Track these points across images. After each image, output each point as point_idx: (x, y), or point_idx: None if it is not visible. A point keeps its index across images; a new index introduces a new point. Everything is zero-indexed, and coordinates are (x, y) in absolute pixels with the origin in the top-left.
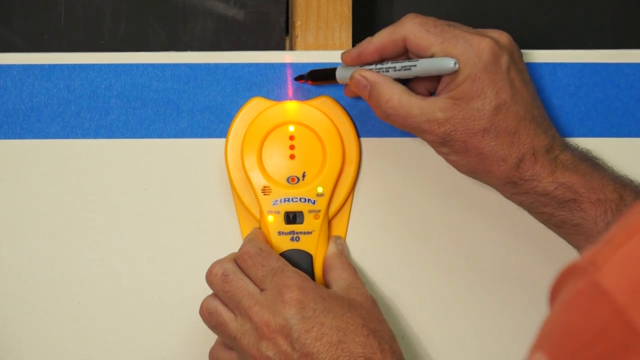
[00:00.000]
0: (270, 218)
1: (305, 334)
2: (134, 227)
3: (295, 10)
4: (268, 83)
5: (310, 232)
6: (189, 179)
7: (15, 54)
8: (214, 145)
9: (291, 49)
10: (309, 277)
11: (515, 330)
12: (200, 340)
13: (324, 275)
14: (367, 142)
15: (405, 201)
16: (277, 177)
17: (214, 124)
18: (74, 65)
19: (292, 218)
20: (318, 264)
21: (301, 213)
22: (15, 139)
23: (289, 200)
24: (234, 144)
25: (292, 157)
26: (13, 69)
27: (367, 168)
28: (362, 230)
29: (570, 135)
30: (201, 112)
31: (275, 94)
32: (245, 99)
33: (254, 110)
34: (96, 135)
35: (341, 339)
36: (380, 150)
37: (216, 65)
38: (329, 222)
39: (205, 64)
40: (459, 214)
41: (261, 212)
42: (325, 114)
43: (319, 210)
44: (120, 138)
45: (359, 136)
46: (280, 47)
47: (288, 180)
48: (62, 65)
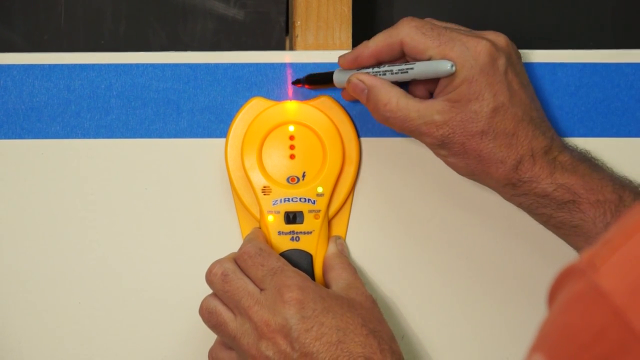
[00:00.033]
0: (270, 218)
1: (305, 333)
2: (134, 227)
3: (295, 10)
4: (268, 83)
5: (310, 232)
6: (189, 179)
7: (15, 54)
8: (214, 145)
9: (291, 49)
10: (308, 277)
11: (515, 331)
12: (200, 340)
13: (323, 275)
14: (367, 142)
15: (405, 201)
16: (277, 177)
17: (214, 124)
18: (74, 65)
19: (292, 218)
20: (318, 263)
21: (301, 213)
22: (15, 139)
23: (289, 200)
24: (234, 144)
25: (292, 157)
26: (13, 69)
27: (367, 168)
28: (362, 230)
29: (570, 135)
30: (201, 112)
31: (275, 94)
32: (245, 99)
33: (254, 110)
34: (96, 135)
35: (341, 339)
36: (380, 150)
37: (216, 65)
38: (329, 222)
39: (205, 64)
40: (459, 214)
41: (261, 212)
42: (325, 114)
43: (319, 210)
44: (120, 138)
45: (359, 136)
46: (280, 47)
47: (288, 180)
48: (62, 65)
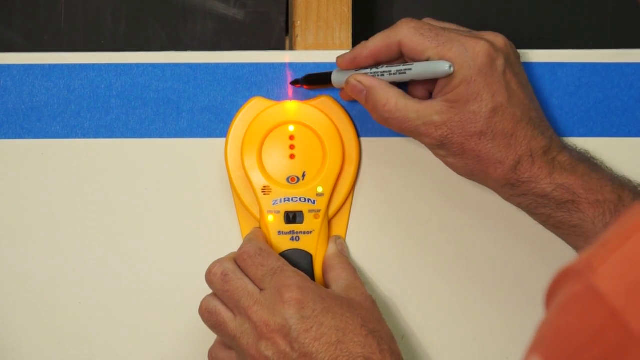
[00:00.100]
0: (270, 218)
1: (305, 333)
2: (134, 227)
3: (295, 10)
4: (268, 83)
5: (310, 232)
6: (189, 179)
7: (15, 54)
8: (214, 145)
9: (291, 49)
10: (308, 277)
11: (514, 331)
12: (200, 340)
13: (323, 275)
14: (367, 142)
15: (405, 201)
16: (277, 177)
17: (214, 124)
18: (74, 65)
19: (292, 218)
20: (318, 263)
21: (301, 213)
22: (15, 138)
23: (289, 200)
24: (234, 143)
25: (292, 157)
26: (13, 69)
27: (367, 168)
28: (362, 230)
29: (570, 135)
30: (201, 112)
31: (275, 93)
32: (245, 99)
33: (254, 110)
34: (96, 135)
35: (340, 339)
36: (380, 150)
37: (216, 65)
38: (329, 222)
39: (205, 64)
40: (458, 214)
41: (261, 212)
42: (325, 114)
43: (319, 210)
44: (120, 138)
45: (359, 136)
46: (280, 47)
47: (288, 180)
48: (62, 65)
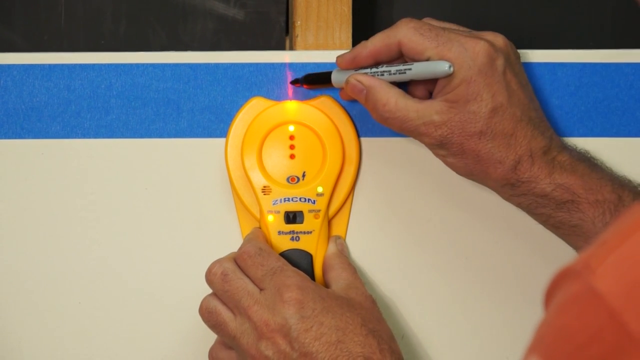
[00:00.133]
0: (270, 218)
1: (304, 333)
2: (134, 227)
3: (295, 10)
4: (268, 83)
5: (310, 232)
6: (189, 179)
7: (15, 54)
8: (214, 145)
9: (291, 48)
10: (308, 277)
11: (514, 331)
12: (200, 339)
13: (323, 274)
14: (367, 142)
15: (405, 201)
16: (277, 177)
17: (214, 124)
18: (74, 65)
19: (292, 218)
20: (318, 263)
21: (301, 213)
22: (15, 138)
23: (289, 200)
24: (234, 143)
25: (292, 157)
26: (13, 69)
27: (367, 168)
28: (362, 230)
29: (570, 135)
30: (201, 112)
31: (275, 93)
32: (245, 99)
33: (254, 110)
34: (96, 135)
35: (340, 339)
36: (380, 150)
37: (216, 65)
38: (329, 222)
39: (205, 64)
40: (458, 214)
41: (261, 212)
42: (325, 113)
43: (319, 210)
44: (120, 138)
45: (359, 136)
46: (280, 47)
47: (288, 180)
48: (62, 65)
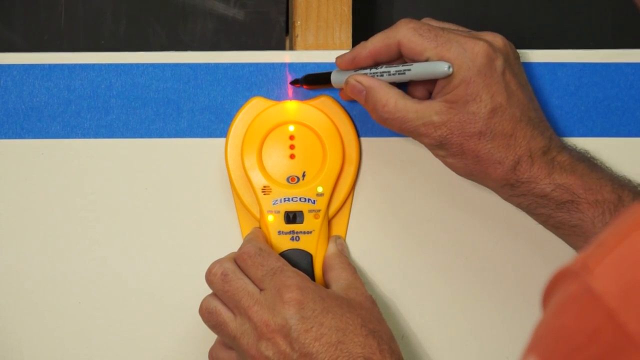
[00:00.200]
0: (270, 218)
1: (305, 334)
2: (134, 227)
3: (295, 10)
4: (268, 83)
5: (310, 232)
6: (189, 179)
7: (15, 54)
8: (214, 145)
9: (291, 48)
10: (308, 277)
11: (514, 331)
12: (200, 340)
13: (323, 275)
14: (367, 142)
15: (405, 201)
16: (277, 177)
17: (214, 124)
18: (74, 65)
19: (292, 218)
20: (318, 263)
21: (301, 213)
22: (15, 138)
23: (289, 200)
24: (234, 143)
25: (292, 157)
26: (13, 69)
27: (367, 168)
28: (362, 230)
29: (570, 135)
30: (201, 112)
31: (275, 93)
32: (245, 98)
33: (254, 110)
34: (96, 135)
35: (340, 339)
36: (380, 150)
37: (216, 65)
38: (329, 222)
39: (205, 64)
40: (458, 214)
41: (261, 212)
42: (325, 113)
43: (319, 210)
44: (120, 138)
45: (359, 136)
46: (280, 47)
47: (288, 180)
48: (62, 65)
